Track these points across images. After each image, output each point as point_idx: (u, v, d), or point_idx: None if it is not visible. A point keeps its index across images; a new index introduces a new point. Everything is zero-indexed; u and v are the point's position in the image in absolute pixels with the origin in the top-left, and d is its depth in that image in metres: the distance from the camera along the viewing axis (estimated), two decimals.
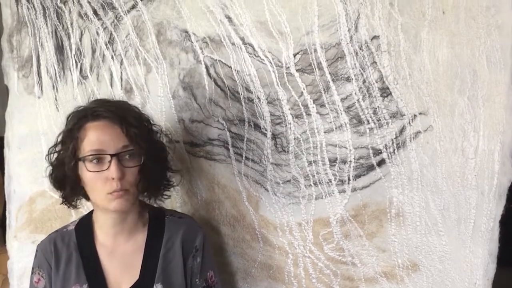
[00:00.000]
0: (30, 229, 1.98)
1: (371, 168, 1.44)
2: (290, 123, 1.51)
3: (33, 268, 1.48)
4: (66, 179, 1.38)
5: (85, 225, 1.49)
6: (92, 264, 1.43)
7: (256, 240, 1.62)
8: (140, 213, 1.46)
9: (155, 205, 1.55)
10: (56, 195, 1.87)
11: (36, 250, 1.48)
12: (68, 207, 1.46)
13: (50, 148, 1.43)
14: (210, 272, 1.51)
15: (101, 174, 1.31)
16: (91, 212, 1.51)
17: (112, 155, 1.30)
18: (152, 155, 1.39)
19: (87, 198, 1.43)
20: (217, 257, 1.65)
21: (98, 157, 1.31)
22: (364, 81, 1.40)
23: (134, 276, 1.42)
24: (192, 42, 1.63)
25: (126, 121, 1.35)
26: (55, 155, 1.41)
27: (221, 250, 1.69)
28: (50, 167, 1.42)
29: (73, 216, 1.86)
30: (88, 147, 1.32)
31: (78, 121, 1.36)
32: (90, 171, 1.32)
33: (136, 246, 1.45)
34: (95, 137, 1.32)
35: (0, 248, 2.71)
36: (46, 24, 1.90)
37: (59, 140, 1.40)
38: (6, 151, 2.03)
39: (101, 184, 1.32)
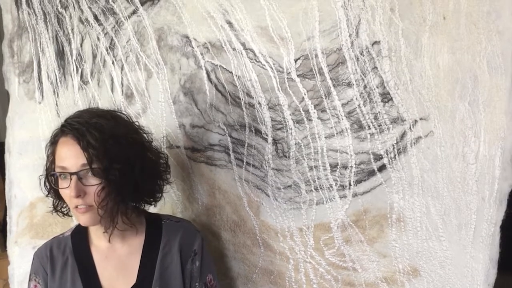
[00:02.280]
0: (31, 234, 1.98)
1: (372, 173, 1.44)
2: (291, 129, 1.51)
3: (30, 275, 1.49)
4: (50, 188, 1.41)
5: (81, 230, 1.49)
6: (87, 268, 1.43)
7: (257, 245, 1.62)
8: (135, 217, 1.45)
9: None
10: None
11: (33, 257, 1.48)
12: (59, 215, 1.47)
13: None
14: (209, 275, 1.51)
15: (65, 191, 1.32)
16: None
17: (71, 174, 1.30)
18: (122, 173, 1.33)
19: (60, 211, 1.46)
20: (218, 263, 1.65)
21: (62, 173, 1.32)
22: (365, 87, 1.40)
23: (131, 279, 1.42)
24: (193, 48, 1.63)
25: (85, 139, 1.30)
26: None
27: (222, 256, 1.69)
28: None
29: (74, 221, 1.86)
30: (56, 162, 1.34)
31: (55, 134, 1.37)
32: (55, 188, 1.36)
33: (132, 250, 1.45)
34: (62, 153, 1.32)
35: (0, 253, 2.72)
36: (47, 30, 1.90)
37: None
38: (7, 156, 2.03)
39: (67, 199, 1.34)
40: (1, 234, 2.94)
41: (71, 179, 1.29)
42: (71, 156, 1.30)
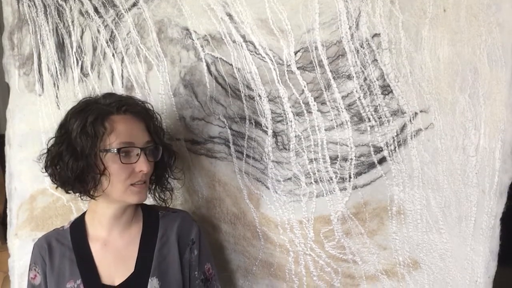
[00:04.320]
0: (31, 227, 1.98)
1: (372, 165, 1.44)
2: (291, 121, 1.51)
3: (30, 265, 1.49)
4: (89, 170, 1.32)
5: (79, 223, 1.50)
6: (85, 259, 1.43)
7: (257, 238, 1.63)
8: (135, 208, 1.48)
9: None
10: (56, 193, 1.87)
11: (33, 247, 1.49)
12: (94, 199, 1.39)
13: (50, 140, 1.42)
14: (207, 264, 1.52)
15: (129, 166, 1.33)
16: (84, 213, 1.52)
17: (141, 149, 1.34)
18: (171, 152, 1.49)
19: (92, 195, 1.38)
20: (218, 255, 1.66)
21: (127, 149, 1.33)
22: (365, 79, 1.40)
23: (129, 269, 1.42)
24: (193, 40, 1.62)
25: (149, 117, 1.42)
26: (68, 148, 1.34)
27: (222, 248, 1.69)
28: (59, 162, 1.37)
29: (74, 214, 1.86)
30: (118, 139, 1.32)
31: (101, 113, 1.33)
32: (122, 163, 1.32)
33: (130, 240, 1.46)
34: (124, 130, 1.34)
35: (1, 246, 2.72)
36: (47, 22, 1.90)
37: (76, 130, 1.33)
38: (7, 149, 2.02)
39: (126, 176, 1.34)
40: (1, 226, 2.94)
41: (138, 155, 1.34)
42: (137, 132, 1.37)
